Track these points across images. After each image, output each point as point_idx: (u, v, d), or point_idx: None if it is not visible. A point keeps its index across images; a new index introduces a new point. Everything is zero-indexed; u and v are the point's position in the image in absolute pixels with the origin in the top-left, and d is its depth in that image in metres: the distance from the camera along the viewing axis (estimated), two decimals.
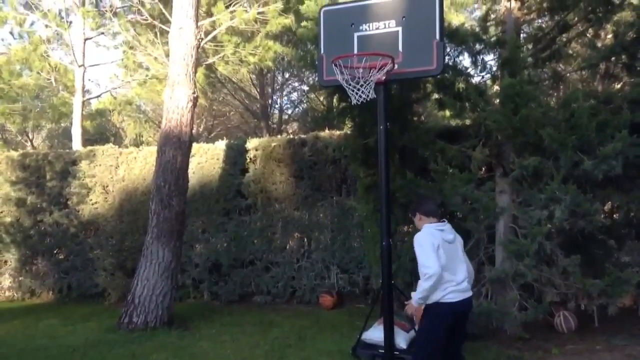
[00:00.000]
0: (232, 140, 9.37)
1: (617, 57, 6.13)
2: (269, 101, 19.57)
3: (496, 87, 6.70)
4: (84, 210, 9.47)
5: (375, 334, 5.12)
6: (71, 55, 13.90)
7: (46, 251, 9.66)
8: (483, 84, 6.62)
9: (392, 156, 6.04)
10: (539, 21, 7.29)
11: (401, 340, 5.04)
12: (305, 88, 19.90)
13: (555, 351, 5.27)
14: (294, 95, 21.41)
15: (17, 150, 10.91)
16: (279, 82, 20.10)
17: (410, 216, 4.12)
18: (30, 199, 9.71)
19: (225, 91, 19.11)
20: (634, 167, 5.33)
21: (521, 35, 6.40)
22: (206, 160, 9.02)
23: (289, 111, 21.61)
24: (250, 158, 8.83)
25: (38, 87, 15.27)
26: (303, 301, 8.27)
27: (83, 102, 14.16)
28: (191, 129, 7.29)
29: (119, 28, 13.02)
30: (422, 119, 7.23)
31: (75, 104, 13.88)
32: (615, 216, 6.71)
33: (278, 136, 9.29)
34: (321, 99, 17.23)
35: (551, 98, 7.91)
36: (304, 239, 8.55)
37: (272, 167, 8.64)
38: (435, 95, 6.45)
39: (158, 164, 7.12)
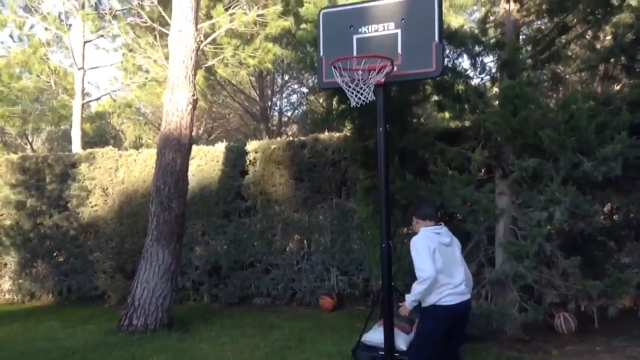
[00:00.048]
0: (232, 142, 9.38)
1: (616, 59, 6.13)
2: (269, 103, 19.58)
3: (495, 89, 6.71)
4: (84, 212, 9.47)
5: (375, 336, 5.10)
6: (71, 58, 13.93)
7: (46, 254, 9.66)
8: (482, 86, 6.62)
9: (392, 158, 6.04)
10: (538, 23, 7.29)
11: (401, 342, 5.02)
12: (304, 90, 19.92)
13: (555, 352, 5.27)
14: (294, 97, 21.44)
15: (17, 153, 10.91)
16: (279, 85, 20.11)
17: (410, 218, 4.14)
18: (30, 202, 9.71)
19: (224, 93, 19.12)
20: (634, 169, 5.33)
21: (520, 37, 6.40)
22: (206, 162, 9.02)
23: (289, 113, 21.64)
24: (249, 160, 8.83)
25: (38, 90, 15.26)
26: (303, 303, 8.27)
27: (83, 105, 14.18)
28: (191, 132, 7.29)
29: (119, 31, 13.04)
30: (422, 121, 7.22)
31: (74, 107, 13.90)
32: (615, 217, 6.71)
33: (278, 138, 9.31)
34: (321, 101, 17.23)
35: (550, 100, 7.90)
36: (304, 241, 8.55)
37: (272, 169, 8.64)
38: (434, 97, 6.45)
39: (158, 167, 7.13)
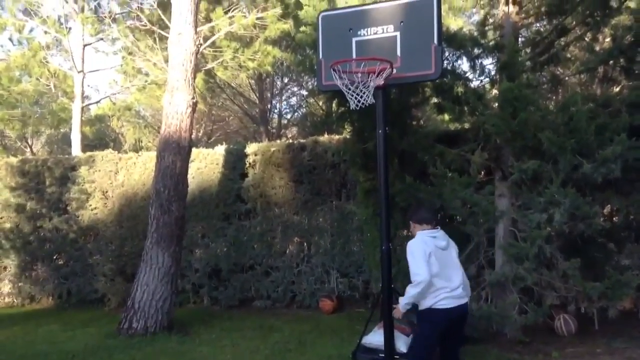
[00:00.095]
0: (232, 145, 9.38)
1: (616, 61, 6.14)
2: (268, 106, 19.61)
3: (495, 91, 6.72)
4: (84, 215, 9.46)
5: (375, 338, 5.10)
6: (70, 61, 13.92)
7: (46, 257, 9.65)
8: (482, 88, 6.62)
9: (392, 160, 6.04)
10: (537, 25, 7.31)
11: (401, 344, 5.02)
12: (304, 93, 19.94)
13: (555, 354, 5.26)
14: (293, 99, 21.48)
15: (17, 156, 10.93)
16: (278, 87, 20.14)
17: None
18: (29, 205, 9.71)
19: (224, 96, 19.15)
20: (633, 170, 5.33)
21: (519, 39, 6.42)
22: (205, 165, 9.02)
23: (288, 116, 21.68)
24: (249, 163, 8.84)
25: (37, 93, 15.27)
26: (303, 306, 8.27)
27: (82, 108, 14.18)
28: (190, 134, 7.29)
29: (118, 34, 13.05)
30: (421, 123, 7.22)
31: (74, 110, 13.89)
32: (614, 219, 6.71)
33: (277, 141, 9.31)
34: (320, 104, 17.22)
35: (550, 102, 7.91)
36: (304, 244, 8.55)
37: (272, 172, 8.65)
38: (434, 99, 6.46)
39: (157, 169, 7.13)
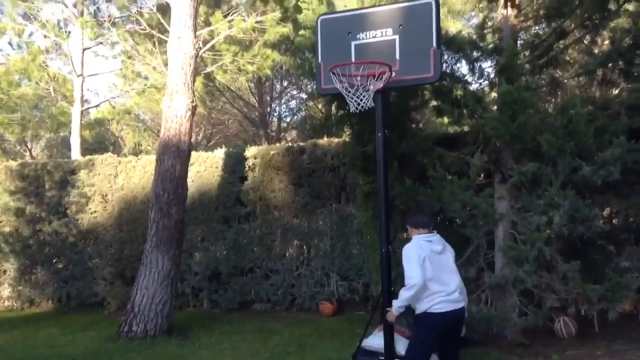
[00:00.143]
0: (231, 148, 9.38)
1: (614, 63, 6.16)
2: (268, 109, 19.63)
3: (494, 94, 6.72)
4: (83, 219, 9.46)
5: (375, 341, 5.10)
6: (70, 65, 13.93)
7: (45, 260, 9.65)
8: (481, 91, 6.63)
9: (391, 163, 6.04)
10: (536, 28, 7.33)
11: (401, 347, 5.01)
12: (303, 96, 19.98)
13: (555, 357, 5.26)
14: (293, 103, 21.52)
15: (16, 160, 10.91)
16: (278, 90, 20.17)
17: None
18: (29, 209, 9.71)
19: (223, 99, 19.17)
20: (633, 173, 5.34)
21: (518, 42, 6.43)
22: (205, 168, 9.02)
23: (288, 119, 21.71)
24: (249, 166, 8.84)
25: (37, 97, 15.28)
26: (303, 309, 8.26)
27: (82, 112, 14.19)
28: (190, 138, 7.30)
29: (118, 38, 13.07)
30: (421, 126, 7.23)
31: (74, 114, 13.90)
32: (614, 221, 6.71)
33: (277, 144, 9.32)
34: (319, 107, 17.27)
35: (549, 104, 7.92)
36: (304, 247, 8.54)
37: (271, 175, 8.65)
38: (433, 102, 6.45)
39: (157, 173, 7.14)
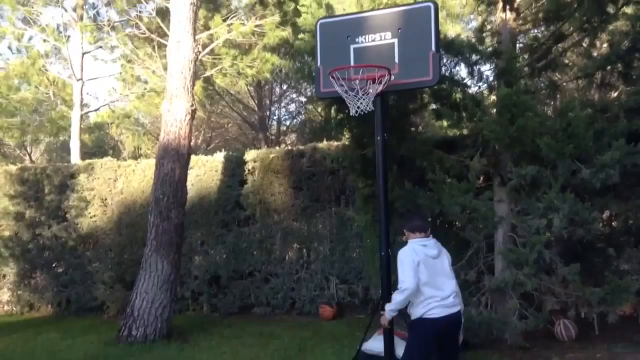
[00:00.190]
0: (231, 152, 9.39)
1: (613, 66, 6.16)
2: (267, 113, 19.65)
3: (493, 97, 6.73)
4: (83, 223, 9.46)
5: (375, 345, 5.09)
6: (69, 69, 13.93)
7: (45, 265, 9.64)
8: (480, 94, 6.63)
9: (390, 166, 6.05)
10: (535, 31, 7.33)
11: (401, 350, 5.00)
12: (303, 99, 20.00)
13: None
14: (292, 106, 21.52)
15: (16, 164, 10.92)
16: (277, 94, 20.18)
17: None
18: (28, 213, 9.70)
19: (223, 103, 19.18)
20: (632, 176, 5.35)
21: (517, 45, 6.45)
22: (205, 172, 9.03)
23: (287, 122, 21.71)
24: (248, 170, 8.84)
25: (36, 101, 15.29)
26: (303, 312, 8.26)
27: (81, 116, 14.18)
28: (189, 142, 7.31)
29: (117, 42, 13.11)
30: (420, 130, 7.25)
31: (73, 118, 13.89)
32: (614, 224, 6.72)
33: (276, 147, 9.34)
34: (319, 110, 17.28)
35: (548, 107, 7.92)
36: (303, 250, 8.55)
37: (271, 179, 8.65)
38: (432, 105, 6.47)
39: (156, 177, 7.14)
